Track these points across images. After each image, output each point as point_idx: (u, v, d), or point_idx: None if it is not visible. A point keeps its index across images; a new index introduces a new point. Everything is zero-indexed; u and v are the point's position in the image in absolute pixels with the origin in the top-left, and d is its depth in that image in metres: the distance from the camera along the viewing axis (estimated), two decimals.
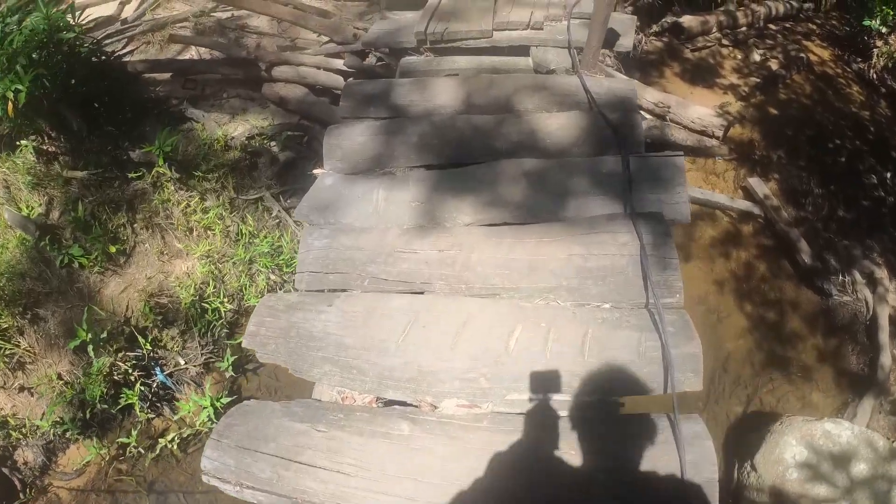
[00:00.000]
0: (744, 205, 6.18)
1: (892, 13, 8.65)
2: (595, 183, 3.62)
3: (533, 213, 3.56)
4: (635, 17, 5.77)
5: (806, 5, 9.72)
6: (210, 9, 6.88)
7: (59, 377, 4.44)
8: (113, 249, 4.93)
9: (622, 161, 3.64)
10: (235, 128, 5.89)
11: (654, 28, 8.20)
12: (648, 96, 5.79)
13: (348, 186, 3.86)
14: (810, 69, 8.58)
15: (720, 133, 5.99)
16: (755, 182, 6.37)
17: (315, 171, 4.11)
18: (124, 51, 6.81)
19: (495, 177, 3.77)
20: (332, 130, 4.15)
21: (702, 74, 7.79)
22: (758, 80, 7.99)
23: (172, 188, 5.21)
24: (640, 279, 3.06)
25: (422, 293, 3.27)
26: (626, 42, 5.12)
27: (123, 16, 7.17)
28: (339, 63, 5.76)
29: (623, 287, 3.08)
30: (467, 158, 3.97)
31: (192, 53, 6.55)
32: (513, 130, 4.10)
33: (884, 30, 8.64)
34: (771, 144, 6.93)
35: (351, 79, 5.10)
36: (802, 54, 8.61)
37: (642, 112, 5.74)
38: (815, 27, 9.75)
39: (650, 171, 3.61)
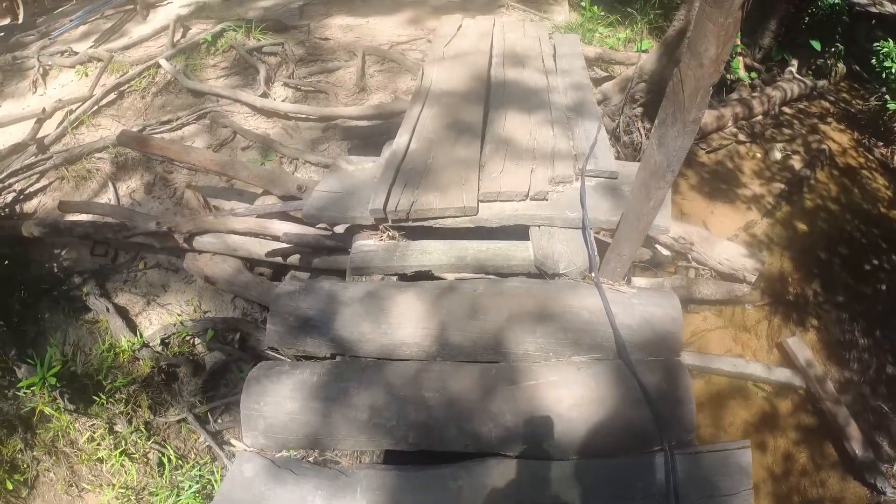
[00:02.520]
0: (783, 375, 4.35)
1: None
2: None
3: None
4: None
5: (820, 83, 7.59)
6: None
7: None
8: (10, 485, 3.51)
9: (665, 462, 2.31)
10: (150, 319, 3.87)
11: None
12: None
13: (273, 486, 2.46)
14: (832, 162, 6.81)
15: (753, 278, 4.24)
16: (794, 343, 4.51)
17: (233, 445, 2.81)
18: (37, 186, 4.71)
19: (482, 489, 2.35)
20: (251, 388, 2.64)
21: (721, 185, 6.00)
22: (782, 185, 6.19)
23: (68, 418, 3.48)
24: None
25: None
26: (663, 222, 3.06)
27: (42, 134, 5.04)
28: (281, 227, 3.67)
29: None
30: (439, 445, 2.51)
31: (110, 195, 4.45)
32: (506, 409, 2.51)
33: None
34: (804, 277, 5.28)
35: (284, 280, 3.07)
36: (824, 146, 6.67)
37: (660, 247, 3.98)
38: (829, 105, 7.85)
39: (703, 478, 2.33)
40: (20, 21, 8.24)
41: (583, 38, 6.00)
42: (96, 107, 5.27)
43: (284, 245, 3.69)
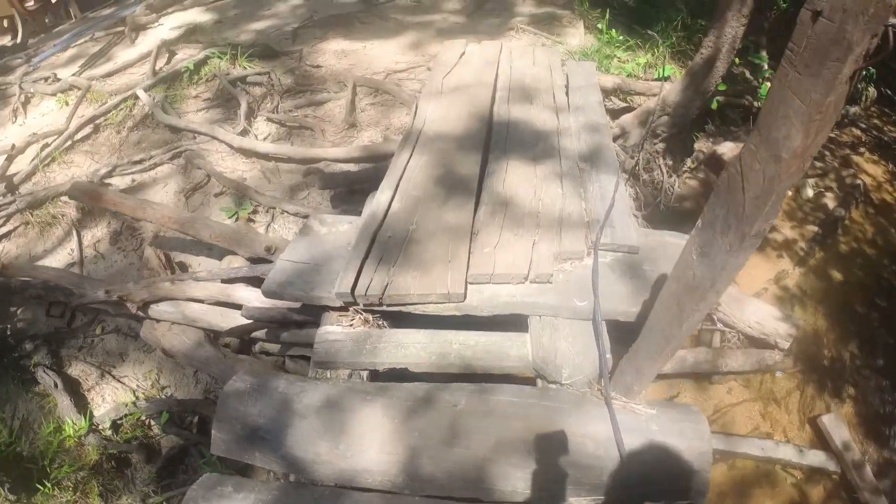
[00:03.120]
0: (817, 459, 3.63)
1: None
2: None
3: None
4: None
5: (852, 110, 6.78)
6: (102, 177, 4.14)
7: None
8: None
9: None
10: (103, 395, 3.27)
11: (688, 163, 5.33)
12: None
13: None
14: (867, 198, 5.94)
15: (787, 344, 3.47)
16: (830, 422, 3.79)
17: None
18: (1, 231, 4.12)
19: None
20: None
21: None
22: (815, 227, 5.36)
23: None
24: None
25: None
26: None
27: (13, 171, 4.45)
28: (246, 295, 3.03)
29: None
30: None
31: (73, 245, 3.85)
32: None
33: None
34: (840, 336, 4.53)
35: (235, 377, 2.41)
36: (858, 181, 5.78)
37: None
38: (860, 133, 6.93)
39: None
40: (19, 40, 7.73)
41: (599, 64, 5.28)
42: (70, 142, 4.66)
43: (246, 322, 3.04)
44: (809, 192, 5.60)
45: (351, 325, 2.72)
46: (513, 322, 2.60)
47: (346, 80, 4.77)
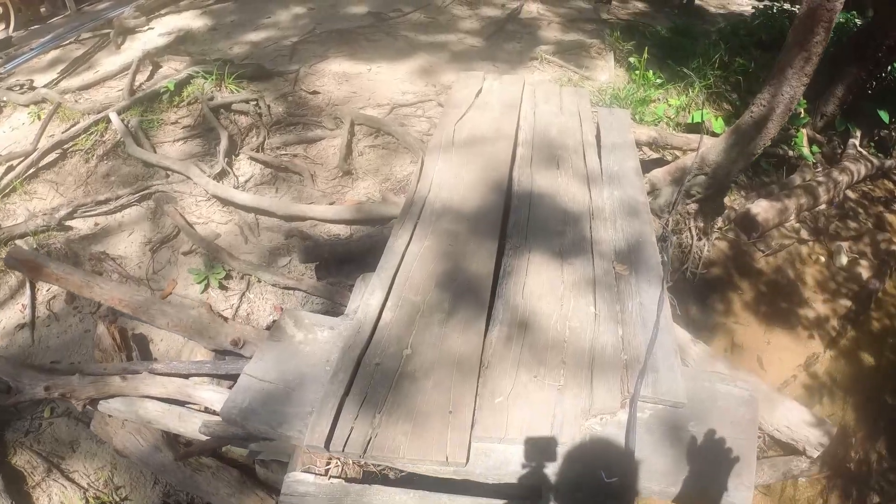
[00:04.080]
0: None
1: None
2: None
3: None
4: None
5: (888, 162, 6.09)
6: (61, 218, 3.43)
7: None
8: None
9: None
10: (49, 495, 2.68)
11: (720, 223, 4.63)
12: None
13: None
14: None
15: (816, 453, 3.00)
16: None
17: None
18: None
19: None
20: None
21: (781, 303, 4.62)
22: (848, 302, 4.76)
23: None
24: None
25: None
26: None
27: None
28: (207, 396, 2.38)
29: None
30: None
31: (24, 302, 3.20)
32: None
33: None
34: (868, 434, 4.00)
35: None
36: (894, 246, 5.04)
37: None
38: (893, 186, 6.14)
39: None
40: (11, 30, 6.95)
41: (633, 109, 4.55)
42: (33, 169, 3.94)
43: (205, 438, 2.38)
44: (844, 260, 4.93)
45: (326, 473, 2.06)
46: (519, 488, 1.96)
47: (344, 115, 4.04)
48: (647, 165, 4.49)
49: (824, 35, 3.28)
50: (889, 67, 6.06)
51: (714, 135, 5.04)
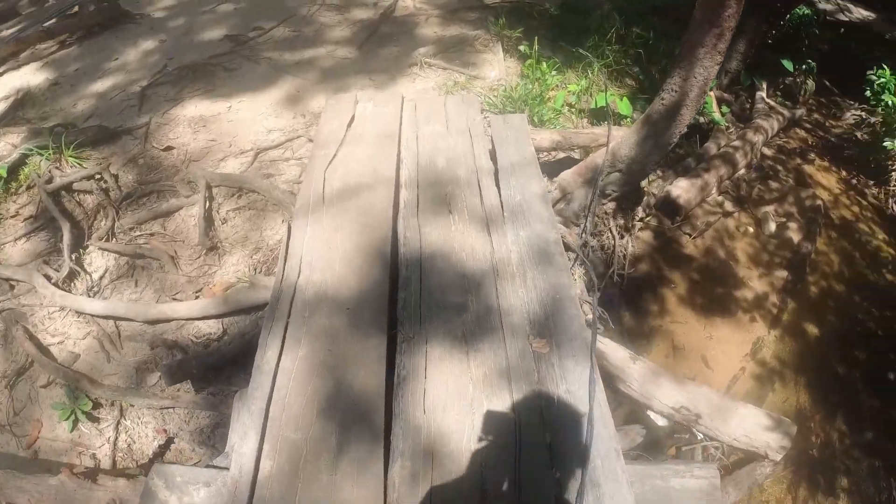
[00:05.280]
0: None
1: None
2: None
3: None
4: None
5: (798, 112, 5.98)
6: None
7: None
8: None
9: None
10: None
11: (640, 213, 4.32)
12: (664, 396, 2.78)
13: None
14: (829, 220, 5.18)
15: (779, 456, 2.86)
16: None
17: None
18: None
19: None
20: None
21: (717, 288, 4.38)
22: (784, 271, 4.54)
23: None
24: None
25: None
26: None
27: None
28: None
29: None
30: None
31: None
32: None
33: None
34: (826, 413, 3.89)
35: None
36: (818, 201, 5.07)
37: (654, 415, 2.94)
38: (806, 135, 6.19)
39: None
40: None
41: (531, 109, 4.11)
42: None
43: None
44: (772, 227, 4.74)
45: None
46: None
47: (197, 178, 3.41)
48: (553, 167, 4.10)
49: (737, 7, 2.92)
50: (787, 15, 5.93)
51: (621, 117, 4.71)
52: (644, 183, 4.64)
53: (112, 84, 4.61)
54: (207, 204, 3.30)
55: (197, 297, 3.01)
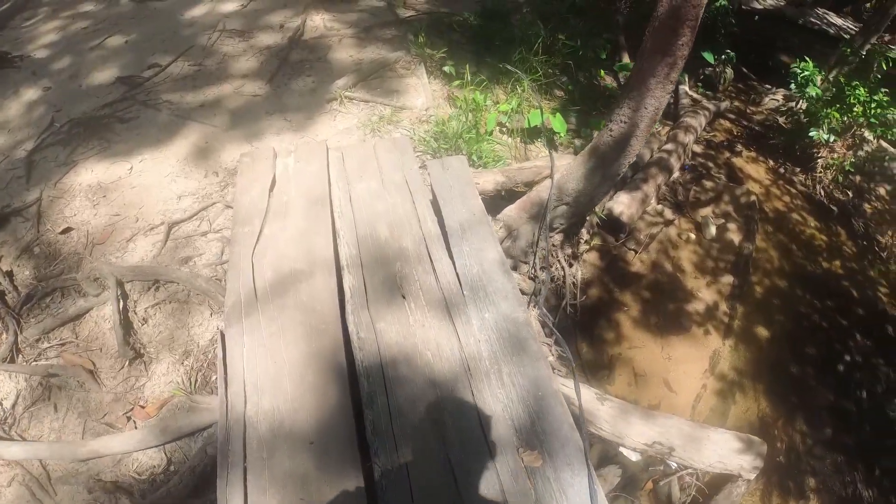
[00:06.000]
0: None
1: (839, 118, 5.16)
2: None
3: None
4: None
5: (724, 104, 6.10)
6: None
7: None
8: None
9: None
10: None
11: (585, 236, 4.25)
12: (636, 434, 2.80)
13: None
14: (764, 214, 5.39)
15: (753, 475, 2.94)
16: None
17: None
18: None
19: None
20: None
21: (668, 303, 4.41)
22: (729, 275, 4.65)
23: None
24: None
25: None
26: None
27: None
28: None
29: None
30: None
31: None
32: None
33: (831, 138, 5.15)
34: (786, 415, 4.01)
35: None
36: (752, 197, 5.31)
37: (628, 451, 2.95)
38: (731, 125, 6.36)
39: None
40: None
41: (466, 146, 3.89)
42: None
43: None
44: (713, 230, 4.81)
45: None
46: None
47: (105, 275, 2.97)
48: (495, 201, 3.91)
49: (690, 35, 2.81)
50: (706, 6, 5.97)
51: (552, 132, 4.58)
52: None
53: None
54: (122, 303, 2.89)
55: (128, 419, 2.64)
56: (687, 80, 6.22)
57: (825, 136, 5.27)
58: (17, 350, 2.90)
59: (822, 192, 5.63)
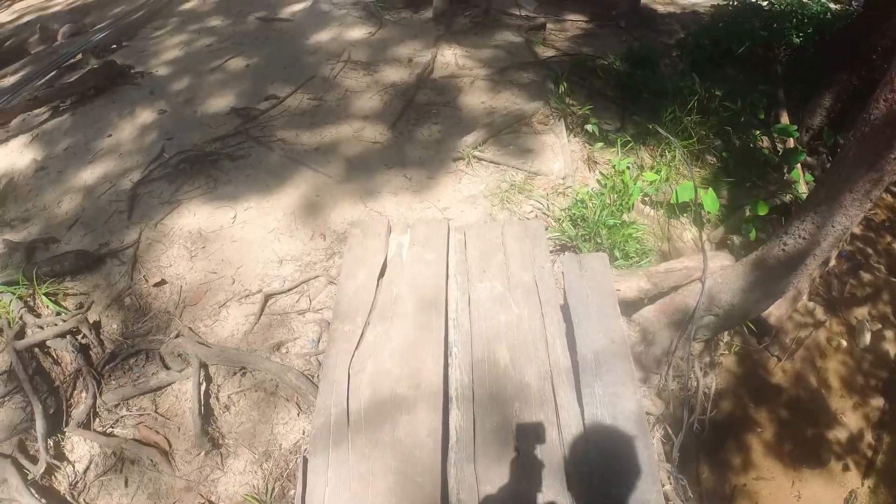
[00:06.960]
0: None
1: None
2: None
3: None
4: None
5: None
6: None
7: None
8: None
9: None
10: None
11: (725, 337, 3.67)
12: None
13: None
14: None
15: None
16: None
17: None
18: None
19: None
20: None
21: (807, 429, 3.75)
22: (879, 397, 3.92)
23: None
24: None
25: None
26: None
27: None
28: None
29: None
30: None
31: None
32: None
33: None
34: None
35: None
36: None
37: None
38: (893, 201, 5.39)
39: None
40: None
41: (606, 226, 3.41)
42: None
43: None
44: (867, 338, 4.17)
45: None
46: None
47: (189, 354, 2.77)
48: (630, 303, 3.38)
49: None
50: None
51: (696, 209, 3.98)
52: None
53: (102, 173, 3.99)
54: (204, 387, 2.67)
55: None
56: None
57: None
58: (94, 413, 2.77)
59: None
